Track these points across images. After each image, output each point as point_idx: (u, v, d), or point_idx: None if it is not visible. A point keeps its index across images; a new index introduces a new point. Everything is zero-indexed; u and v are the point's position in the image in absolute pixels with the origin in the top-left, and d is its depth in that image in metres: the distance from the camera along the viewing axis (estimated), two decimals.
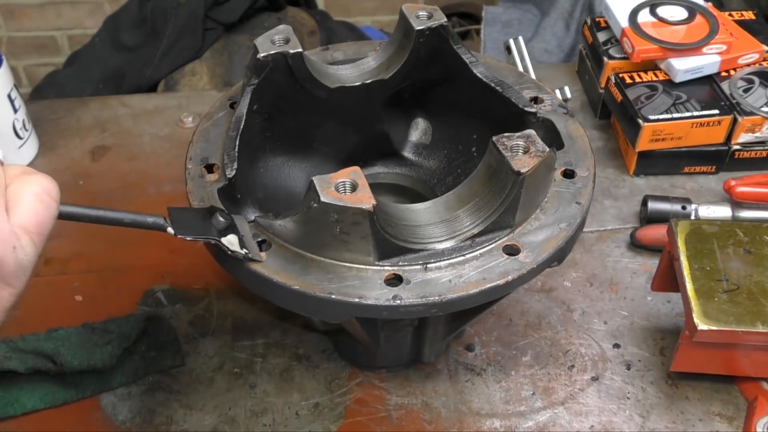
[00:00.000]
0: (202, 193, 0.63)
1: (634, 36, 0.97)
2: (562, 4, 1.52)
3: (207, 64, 1.57)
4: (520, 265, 0.57)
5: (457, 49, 0.68)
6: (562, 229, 0.59)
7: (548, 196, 0.62)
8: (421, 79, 0.72)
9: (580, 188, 0.63)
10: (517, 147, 0.56)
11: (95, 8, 2.31)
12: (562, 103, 0.70)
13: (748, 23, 1.03)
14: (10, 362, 0.71)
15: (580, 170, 0.64)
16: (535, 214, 0.60)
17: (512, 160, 0.55)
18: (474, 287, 0.55)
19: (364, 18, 2.41)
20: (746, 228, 0.71)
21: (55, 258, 0.88)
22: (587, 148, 0.66)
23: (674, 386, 0.74)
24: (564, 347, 0.77)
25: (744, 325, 0.63)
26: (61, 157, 1.03)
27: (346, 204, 0.52)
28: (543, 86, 0.72)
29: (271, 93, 0.67)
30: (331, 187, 0.53)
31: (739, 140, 0.93)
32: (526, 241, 0.59)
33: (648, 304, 0.81)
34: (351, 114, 0.73)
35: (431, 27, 0.67)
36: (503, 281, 0.56)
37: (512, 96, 0.67)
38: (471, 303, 0.56)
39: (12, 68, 0.99)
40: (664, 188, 0.95)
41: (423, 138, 0.79)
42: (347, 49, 0.77)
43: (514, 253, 0.58)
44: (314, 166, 0.76)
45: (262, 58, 0.64)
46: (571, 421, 0.71)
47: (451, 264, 0.57)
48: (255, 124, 0.68)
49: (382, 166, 0.80)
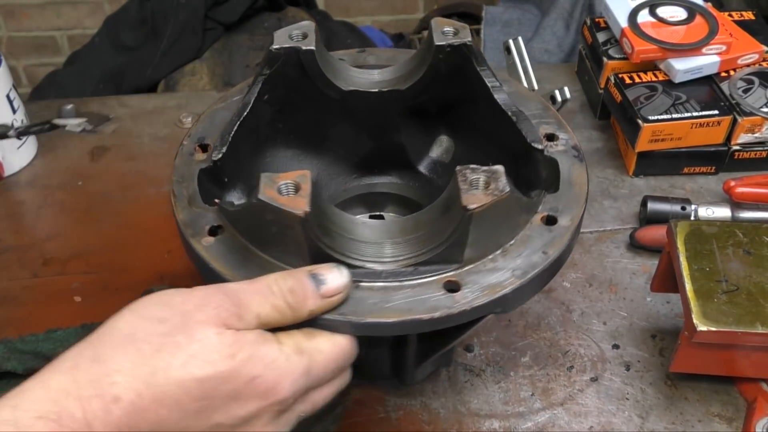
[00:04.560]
0: (185, 171, 0.63)
1: (634, 36, 0.97)
2: (562, 4, 1.52)
3: (207, 64, 1.57)
4: (452, 303, 0.53)
5: (481, 71, 0.66)
6: (515, 276, 0.55)
7: (516, 239, 0.58)
8: (443, 95, 0.70)
9: (555, 237, 0.58)
10: (477, 181, 0.53)
11: (95, 8, 2.32)
12: (577, 144, 0.66)
13: (747, 24, 1.03)
14: (9, 363, 0.71)
15: (563, 219, 0.59)
16: (494, 255, 0.57)
17: (465, 194, 0.52)
18: (395, 316, 0.52)
19: (364, 18, 2.41)
20: (746, 229, 0.71)
21: (54, 258, 0.88)
22: (581, 198, 0.62)
23: (673, 387, 0.74)
24: (563, 348, 0.77)
25: (743, 326, 0.63)
26: (61, 157, 1.03)
27: (279, 206, 0.50)
28: (565, 124, 0.68)
29: (283, 86, 0.67)
30: (275, 186, 0.51)
31: (738, 141, 0.93)
32: (471, 281, 0.55)
33: (647, 304, 0.81)
34: (365, 119, 0.72)
35: (453, 44, 0.65)
36: (428, 316, 0.52)
37: (525, 128, 0.64)
38: (390, 331, 0.54)
39: (12, 68, 0.99)
40: (663, 189, 0.95)
41: (444, 156, 0.77)
42: (382, 54, 0.76)
43: (454, 290, 0.54)
44: (326, 165, 0.76)
45: (274, 50, 0.64)
46: (570, 422, 0.71)
47: (385, 287, 0.54)
48: (266, 114, 0.68)
49: (395, 176, 0.78)
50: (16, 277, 0.86)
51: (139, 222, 0.92)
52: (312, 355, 0.52)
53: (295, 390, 0.51)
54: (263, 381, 0.49)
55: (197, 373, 0.46)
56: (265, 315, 0.51)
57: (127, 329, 0.48)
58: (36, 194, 0.97)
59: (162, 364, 0.46)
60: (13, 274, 0.87)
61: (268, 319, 0.51)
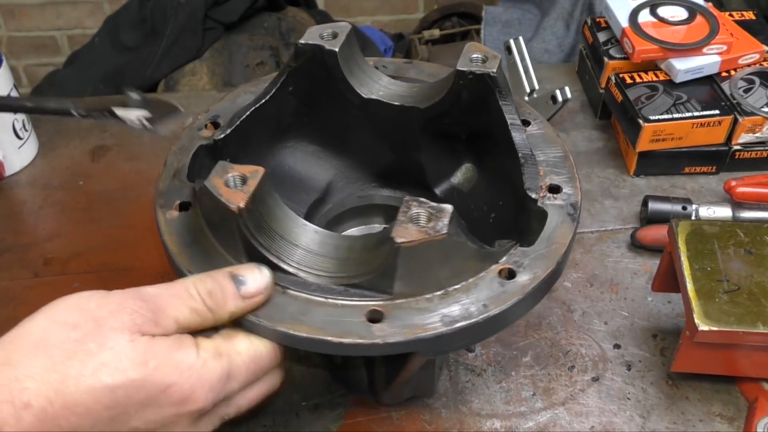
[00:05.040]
0: (186, 143, 0.64)
1: (635, 36, 0.97)
2: (562, 4, 1.52)
3: (207, 64, 1.57)
4: (367, 333, 0.51)
5: (503, 105, 0.63)
6: (443, 323, 0.52)
7: (465, 283, 0.55)
8: (464, 122, 0.68)
9: (503, 293, 0.54)
10: (418, 216, 0.51)
11: (95, 8, 2.32)
12: (577, 203, 0.61)
13: (748, 23, 1.03)
14: None
15: (523, 276, 0.55)
16: (432, 295, 0.54)
17: (398, 227, 0.50)
18: (305, 331, 0.51)
19: (364, 18, 2.41)
20: (747, 228, 0.71)
21: (54, 258, 0.88)
22: (553, 257, 0.57)
23: (675, 387, 0.74)
24: (564, 348, 0.77)
25: (745, 326, 0.63)
26: (61, 157, 1.03)
27: (217, 196, 0.50)
28: (576, 179, 0.63)
29: (308, 81, 0.68)
30: (225, 175, 0.51)
31: (739, 140, 0.93)
32: (395, 315, 0.52)
33: (648, 304, 0.81)
34: (386, 131, 0.71)
35: (474, 71, 0.63)
36: (336, 340, 0.51)
37: (528, 173, 0.61)
38: (291, 343, 0.52)
39: (12, 68, 0.99)
40: (664, 188, 0.95)
41: (464, 184, 0.74)
42: (427, 69, 0.75)
43: (375, 321, 0.52)
44: (345, 168, 0.76)
45: (300, 45, 0.65)
46: (572, 422, 0.71)
47: (309, 300, 0.53)
48: (290, 105, 0.69)
49: (411, 193, 0.75)
50: (17, 276, 0.86)
51: (139, 222, 0.92)
52: (231, 357, 0.51)
53: (213, 396, 0.50)
54: (179, 389, 0.48)
55: (108, 381, 0.46)
56: (184, 319, 0.50)
57: (39, 334, 0.47)
58: (37, 194, 0.97)
59: (72, 371, 0.45)
60: (14, 273, 0.86)
61: (188, 323, 0.50)
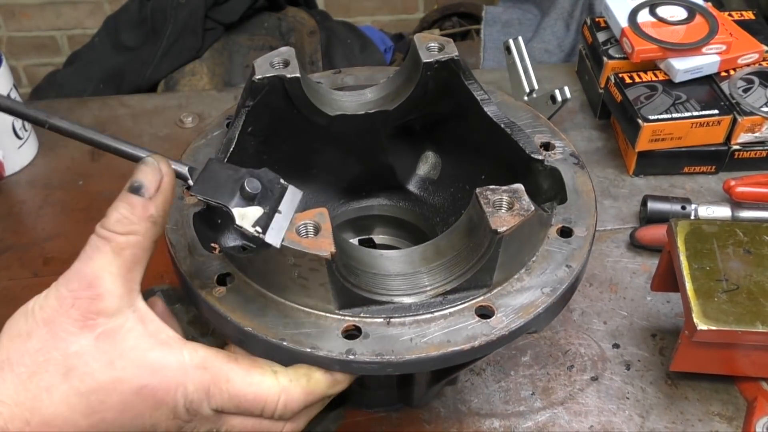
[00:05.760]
0: (178, 216, 0.59)
1: (634, 36, 0.97)
2: (562, 4, 1.52)
3: (207, 64, 1.57)
4: (490, 329, 0.52)
5: (469, 85, 0.64)
6: (545, 294, 0.54)
7: (537, 255, 0.57)
8: (431, 112, 0.69)
9: (575, 249, 0.57)
10: (500, 202, 0.51)
11: (95, 8, 2.32)
12: (575, 151, 0.66)
13: (747, 23, 1.03)
14: None
15: (579, 229, 0.59)
16: (519, 274, 0.55)
17: (491, 217, 0.50)
18: (435, 350, 0.51)
19: (364, 18, 2.41)
20: (746, 228, 0.71)
21: (55, 258, 0.88)
22: (591, 205, 0.61)
23: (674, 386, 0.74)
24: (563, 347, 0.77)
25: (743, 325, 0.63)
26: (61, 157, 1.03)
27: (303, 249, 0.48)
28: (558, 132, 0.67)
29: (267, 116, 0.65)
30: (293, 227, 0.49)
31: (738, 140, 0.93)
32: (503, 304, 0.54)
33: (647, 304, 0.81)
34: (353, 143, 0.70)
35: (440, 60, 0.63)
36: (468, 346, 0.51)
37: (521, 140, 0.62)
38: (430, 366, 0.52)
39: (12, 68, 0.99)
40: (663, 188, 0.95)
41: (431, 173, 0.76)
42: (359, 74, 0.74)
43: (487, 316, 0.53)
44: (313, 193, 0.74)
45: (257, 81, 0.62)
46: (571, 421, 0.71)
47: (417, 321, 0.53)
48: (250, 146, 0.66)
49: (384, 198, 0.77)
50: (17, 276, 0.86)
51: None
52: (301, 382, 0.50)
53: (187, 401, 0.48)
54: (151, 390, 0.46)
55: (79, 387, 0.44)
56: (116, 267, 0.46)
57: (2, 354, 0.45)
58: (36, 194, 0.97)
59: (42, 383, 0.44)
60: (14, 273, 0.87)
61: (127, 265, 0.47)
